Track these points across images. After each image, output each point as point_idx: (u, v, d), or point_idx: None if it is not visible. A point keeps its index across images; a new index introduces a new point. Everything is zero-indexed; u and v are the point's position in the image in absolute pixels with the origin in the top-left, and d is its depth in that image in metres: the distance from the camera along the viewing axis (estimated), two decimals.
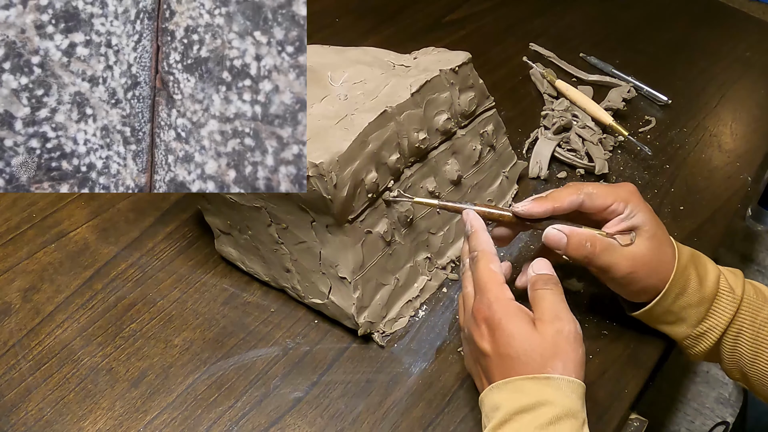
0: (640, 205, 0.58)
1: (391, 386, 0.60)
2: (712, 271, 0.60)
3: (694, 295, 0.59)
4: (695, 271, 0.59)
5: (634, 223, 0.58)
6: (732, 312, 0.59)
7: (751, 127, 0.93)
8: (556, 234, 0.57)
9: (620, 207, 0.58)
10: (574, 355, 0.50)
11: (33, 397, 0.58)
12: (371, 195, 0.60)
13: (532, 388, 0.49)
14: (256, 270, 0.66)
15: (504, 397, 0.49)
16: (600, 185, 0.59)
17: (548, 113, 0.86)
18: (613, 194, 0.58)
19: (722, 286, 0.59)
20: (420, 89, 0.63)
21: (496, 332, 0.51)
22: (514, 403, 0.48)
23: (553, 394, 0.48)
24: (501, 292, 0.53)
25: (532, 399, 0.48)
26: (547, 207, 0.58)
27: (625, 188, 0.59)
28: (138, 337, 0.62)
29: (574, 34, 1.05)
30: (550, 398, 0.48)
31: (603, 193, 0.58)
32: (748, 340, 0.58)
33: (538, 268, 0.56)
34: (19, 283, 0.66)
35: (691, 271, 0.59)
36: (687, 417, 1.39)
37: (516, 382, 0.49)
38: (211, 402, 0.58)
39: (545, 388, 0.48)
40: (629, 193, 0.59)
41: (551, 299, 0.53)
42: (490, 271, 0.54)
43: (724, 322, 0.59)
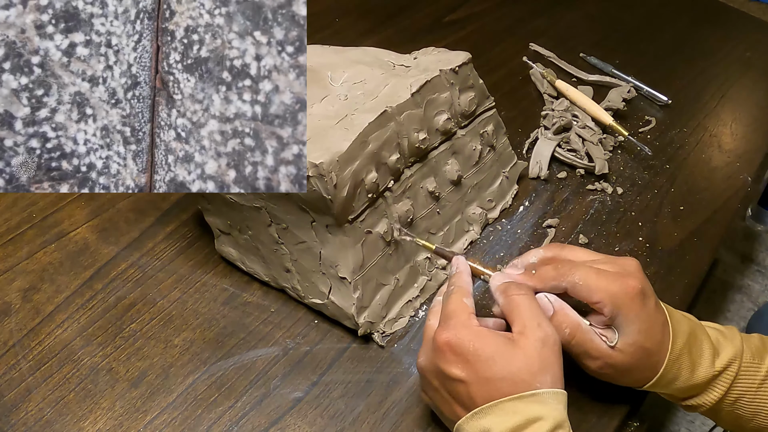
0: (634, 311, 0.53)
1: (391, 386, 0.60)
2: (707, 352, 0.55)
3: (683, 384, 0.55)
4: (688, 358, 0.55)
5: (617, 323, 0.53)
6: (724, 389, 0.56)
7: (751, 127, 0.93)
8: (544, 302, 0.54)
9: (606, 309, 0.53)
10: (559, 364, 0.50)
11: (33, 397, 0.58)
12: (371, 195, 0.60)
13: (522, 408, 0.48)
14: (256, 270, 0.66)
15: (493, 420, 0.48)
16: (595, 272, 0.54)
17: (548, 113, 0.86)
18: (603, 291, 0.53)
19: (716, 368, 0.55)
20: (420, 89, 0.63)
21: (470, 357, 0.49)
22: (505, 424, 0.47)
23: (543, 409, 0.47)
24: (468, 319, 0.51)
25: (522, 418, 0.47)
26: (527, 284, 0.55)
27: (623, 283, 0.53)
28: (138, 337, 0.62)
29: (574, 34, 1.05)
30: (540, 414, 0.47)
31: (592, 286, 0.53)
32: (747, 405, 0.57)
33: (510, 274, 0.56)
34: (19, 283, 0.66)
35: (683, 360, 0.55)
36: (687, 417, 1.39)
37: (505, 403, 0.48)
38: (211, 402, 0.58)
39: (534, 405, 0.48)
40: (624, 293, 0.53)
41: (528, 306, 0.51)
42: (462, 303, 0.52)
43: (717, 398, 0.56)
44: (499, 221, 0.75)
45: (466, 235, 0.72)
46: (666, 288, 0.69)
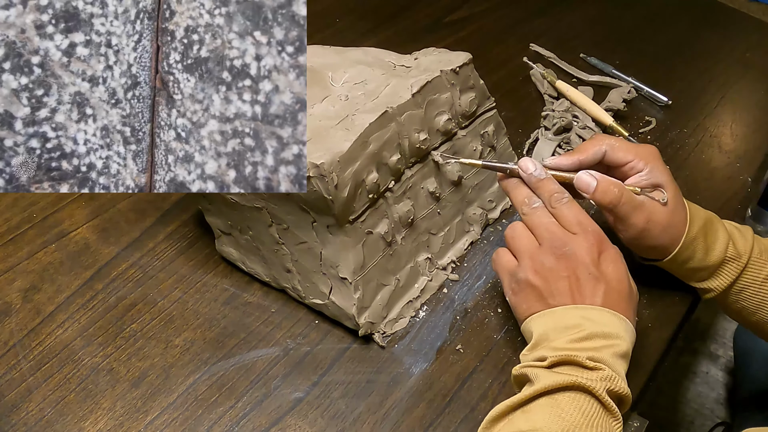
0: (660, 167, 0.62)
1: (391, 387, 0.60)
2: (721, 239, 0.62)
3: (698, 263, 0.63)
4: (703, 241, 0.62)
5: (654, 182, 0.61)
6: (733, 277, 0.63)
7: (751, 127, 0.93)
8: (586, 178, 0.60)
9: (640, 165, 0.61)
10: None
11: (34, 397, 0.58)
12: (372, 195, 0.60)
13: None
14: (256, 270, 0.66)
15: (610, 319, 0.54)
16: (623, 140, 0.63)
17: (548, 114, 0.86)
18: (634, 151, 0.62)
19: (728, 254, 0.62)
20: (421, 90, 0.63)
21: (618, 263, 0.56)
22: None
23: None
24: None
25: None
26: (574, 159, 0.62)
27: (647, 148, 0.63)
28: (139, 338, 0.62)
29: (575, 34, 1.05)
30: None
31: (625, 147, 0.62)
32: (749, 296, 0.64)
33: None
34: (20, 283, 0.66)
35: (698, 242, 0.62)
36: (687, 417, 1.39)
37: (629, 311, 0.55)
38: (212, 402, 0.58)
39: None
40: (650, 153, 0.62)
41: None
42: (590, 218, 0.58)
43: (725, 284, 0.63)
44: (500, 222, 0.75)
45: (467, 236, 0.72)
46: (666, 287, 0.69)
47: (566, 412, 0.47)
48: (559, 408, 0.48)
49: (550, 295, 0.55)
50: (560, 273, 0.55)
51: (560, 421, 0.47)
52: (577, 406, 0.48)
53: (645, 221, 0.60)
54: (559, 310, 0.54)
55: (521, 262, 0.57)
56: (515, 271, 0.58)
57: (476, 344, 0.63)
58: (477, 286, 0.68)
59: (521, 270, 0.57)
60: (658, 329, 0.66)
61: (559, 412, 0.48)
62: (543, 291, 0.55)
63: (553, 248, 0.56)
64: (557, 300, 0.55)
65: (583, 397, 0.48)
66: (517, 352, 0.63)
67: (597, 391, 0.48)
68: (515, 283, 0.58)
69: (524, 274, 0.56)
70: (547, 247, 0.56)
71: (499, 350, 0.63)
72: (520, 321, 0.58)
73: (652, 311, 0.67)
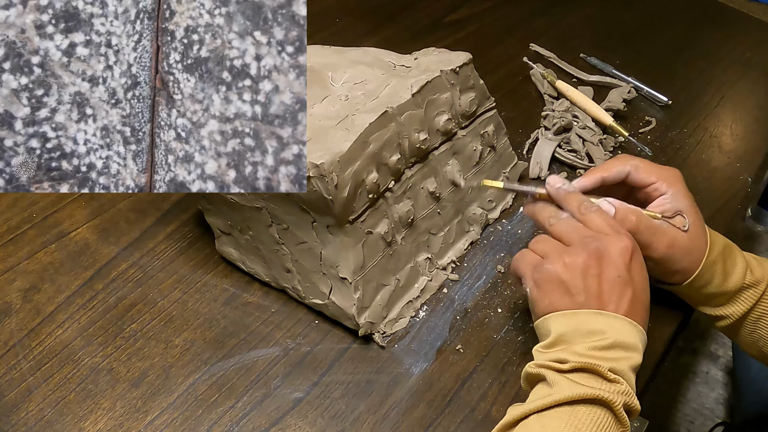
0: (683, 191, 0.61)
1: (391, 387, 0.60)
2: (740, 265, 0.62)
3: (716, 289, 0.62)
4: (722, 266, 0.62)
5: (677, 207, 0.61)
6: (751, 304, 0.62)
7: (751, 127, 0.93)
8: (605, 205, 0.59)
9: (663, 187, 0.61)
10: None
11: (34, 397, 0.58)
12: (372, 195, 0.60)
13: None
14: (256, 270, 0.66)
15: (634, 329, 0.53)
16: (648, 162, 0.62)
17: (548, 114, 0.86)
18: (657, 173, 0.62)
19: (746, 281, 0.62)
20: (421, 90, 0.63)
21: (645, 271, 0.55)
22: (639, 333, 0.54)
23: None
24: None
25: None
26: (597, 177, 0.61)
27: (671, 171, 0.62)
28: (139, 338, 0.62)
29: (575, 34, 1.05)
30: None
31: (648, 168, 0.62)
32: (767, 325, 0.63)
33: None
34: (20, 283, 0.66)
35: (717, 267, 0.62)
36: (687, 417, 1.39)
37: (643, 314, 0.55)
38: (212, 402, 0.58)
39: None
40: (674, 176, 0.62)
41: None
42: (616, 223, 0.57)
43: (742, 311, 0.63)
44: (500, 221, 0.75)
45: (467, 236, 0.72)
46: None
47: (582, 424, 0.47)
48: (575, 419, 0.47)
49: (578, 292, 0.53)
50: (591, 271, 0.53)
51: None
52: (593, 419, 0.47)
53: (667, 246, 0.60)
54: (583, 313, 0.52)
55: (550, 256, 0.55)
56: (542, 263, 0.55)
57: (476, 344, 0.63)
58: (477, 286, 0.68)
59: (550, 262, 0.54)
60: (658, 329, 0.66)
61: (575, 423, 0.47)
62: (571, 287, 0.53)
63: (585, 245, 0.54)
64: (584, 299, 0.53)
65: (600, 410, 0.48)
66: (518, 352, 0.63)
67: (615, 406, 0.48)
68: (540, 274, 0.55)
69: (553, 267, 0.54)
70: (578, 244, 0.54)
71: (499, 350, 0.63)
72: (538, 316, 0.55)
73: (652, 311, 0.67)
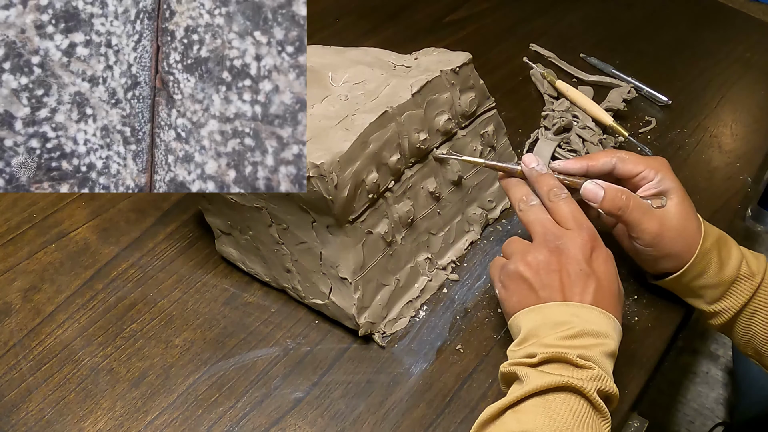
0: (670, 176, 0.62)
1: (391, 387, 0.60)
2: (735, 256, 0.62)
3: (712, 279, 0.62)
4: (717, 255, 0.61)
5: (663, 188, 0.61)
6: (747, 296, 0.62)
7: (751, 127, 0.93)
8: (593, 187, 0.60)
9: (650, 174, 0.62)
10: None
11: (33, 397, 0.58)
12: (372, 195, 0.60)
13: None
14: (256, 270, 0.66)
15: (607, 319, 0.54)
16: (634, 153, 0.63)
17: (548, 114, 0.86)
18: (644, 162, 0.62)
19: (742, 272, 0.62)
20: (421, 90, 0.63)
21: (609, 263, 0.56)
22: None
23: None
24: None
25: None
26: (582, 164, 0.62)
27: (657, 159, 0.63)
28: (138, 338, 0.62)
29: (575, 34, 1.05)
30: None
31: (635, 159, 0.62)
32: (762, 321, 0.62)
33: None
34: (20, 283, 0.66)
35: (713, 255, 0.61)
36: (687, 417, 1.39)
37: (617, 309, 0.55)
38: (212, 402, 0.58)
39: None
40: (661, 164, 0.63)
41: None
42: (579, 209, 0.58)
43: (739, 305, 0.62)
44: (500, 221, 0.75)
45: (467, 236, 0.72)
46: None
47: (557, 413, 0.47)
48: (550, 409, 0.48)
49: (541, 287, 0.55)
50: (551, 266, 0.55)
51: (551, 423, 0.47)
52: (567, 407, 0.48)
53: (658, 225, 0.60)
54: (548, 306, 0.54)
55: (512, 257, 0.58)
56: (506, 264, 0.58)
57: (476, 344, 0.63)
58: (477, 286, 0.68)
59: (512, 263, 0.57)
60: (658, 329, 0.66)
61: (550, 413, 0.47)
62: (533, 283, 0.55)
63: (546, 242, 0.56)
64: (547, 293, 0.54)
65: (573, 397, 0.48)
66: None
67: (588, 392, 0.48)
68: (505, 275, 0.57)
69: (515, 266, 0.56)
70: (539, 241, 0.57)
71: (499, 350, 0.63)
72: (509, 316, 0.57)
73: (652, 311, 0.67)
